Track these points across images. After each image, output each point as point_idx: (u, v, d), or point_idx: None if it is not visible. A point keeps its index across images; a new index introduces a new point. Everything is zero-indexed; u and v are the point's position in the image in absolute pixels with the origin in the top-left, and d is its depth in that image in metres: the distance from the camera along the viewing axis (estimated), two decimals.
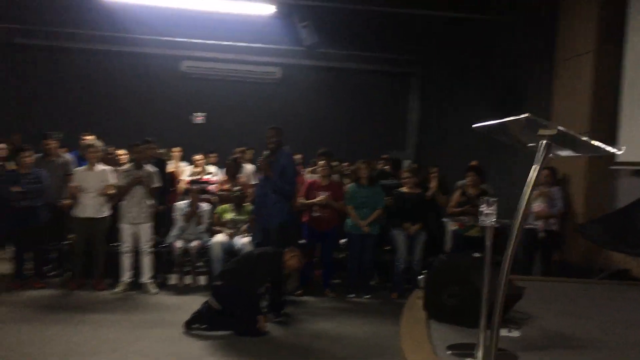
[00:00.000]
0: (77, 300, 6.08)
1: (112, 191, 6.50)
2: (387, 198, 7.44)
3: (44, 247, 6.74)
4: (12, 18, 10.99)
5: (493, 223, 3.17)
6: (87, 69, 12.13)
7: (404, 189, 7.12)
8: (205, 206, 7.11)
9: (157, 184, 6.70)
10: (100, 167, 6.61)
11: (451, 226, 7.33)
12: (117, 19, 10.57)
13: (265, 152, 6.34)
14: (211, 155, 9.09)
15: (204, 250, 6.87)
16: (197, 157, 8.23)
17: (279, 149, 6.16)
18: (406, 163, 8.87)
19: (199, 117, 12.87)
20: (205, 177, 7.99)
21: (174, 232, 6.96)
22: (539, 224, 6.82)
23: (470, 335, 3.18)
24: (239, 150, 8.88)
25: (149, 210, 6.61)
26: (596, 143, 2.32)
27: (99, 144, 7.05)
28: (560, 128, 2.30)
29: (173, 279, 7.03)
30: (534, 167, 2.45)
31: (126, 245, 6.52)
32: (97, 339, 4.78)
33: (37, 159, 6.98)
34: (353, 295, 6.84)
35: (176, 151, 8.96)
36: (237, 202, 7.10)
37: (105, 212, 6.60)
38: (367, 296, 6.82)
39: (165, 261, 6.94)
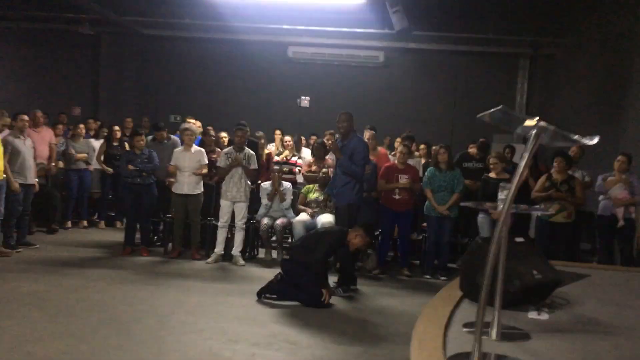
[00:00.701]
0: (174, 267, 6.82)
1: (205, 171, 7.17)
2: (471, 181, 7.50)
3: (151, 220, 7.59)
4: (139, 12, 12.08)
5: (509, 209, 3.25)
6: (203, 57, 13.13)
7: (491, 174, 7.14)
8: (288, 185, 7.58)
9: (254, 165, 7.24)
10: (196, 148, 7.30)
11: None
12: (229, 10, 11.24)
13: (337, 136, 6.64)
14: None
15: (288, 227, 7.35)
16: (287, 138, 8.67)
17: (349, 133, 6.41)
18: (505, 149, 8.73)
19: (304, 101, 13.41)
20: (293, 159, 8.44)
21: (261, 210, 7.50)
22: (619, 211, 6.55)
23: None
24: (329, 133, 9.26)
25: (247, 190, 7.18)
26: (574, 136, 2.39)
27: (195, 127, 7.72)
28: (541, 122, 2.40)
29: (261, 253, 7.61)
30: (522, 154, 2.55)
31: (223, 220, 7.16)
32: (179, 301, 5.40)
33: (148, 141, 7.87)
34: (428, 276, 7.02)
35: (277, 134, 9.52)
36: (322, 182, 7.48)
37: (200, 189, 7.29)
38: (444, 278, 6.95)
39: (253, 236, 7.52)
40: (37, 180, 7.39)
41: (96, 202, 9.28)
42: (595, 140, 2.34)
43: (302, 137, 9.50)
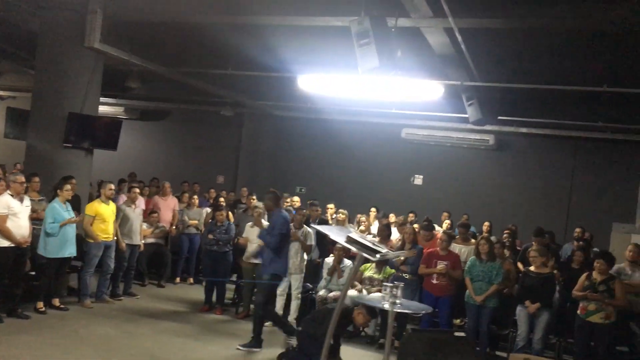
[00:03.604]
0: (233, 326, 7.83)
1: None
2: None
3: (226, 283, 8.76)
4: (272, 97, 13.77)
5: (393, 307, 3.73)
6: (325, 136, 14.47)
7: (531, 268, 7.24)
8: (348, 262, 8.27)
9: (310, 242, 8.12)
10: (264, 223, 8.36)
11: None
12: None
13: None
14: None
15: None
16: (362, 217, 9.40)
17: (272, 210, 7.16)
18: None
19: (418, 179, 14.02)
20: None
21: (321, 282, 8.28)
22: None
23: None
24: (410, 216, 9.83)
25: (302, 263, 8.06)
26: None
27: (261, 205, 8.80)
28: None
29: None
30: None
31: (281, 289, 8.06)
32: (215, 355, 6.38)
33: (239, 212, 9.17)
34: None
35: (372, 211, 10.35)
36: (380, 262, 8.06)
37: None
38: None
39: (310, 306, 8.30)
40: (143, 241, 8.99)
41: None
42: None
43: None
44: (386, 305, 4.08)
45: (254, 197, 9.71)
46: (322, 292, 8.09)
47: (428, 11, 6.69)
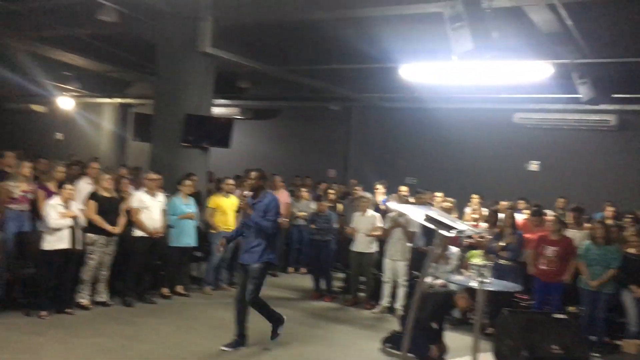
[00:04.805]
0: (345, 314, 8.07)
1: (378, 233, 8.32)
2: None
3: (332, 271, 9.02)
4: (380, 88, 13.85)
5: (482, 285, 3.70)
6: (433, 125, 14.29)
7: (630, 250, 6.85)
8: (454, 249, 8.20)
9: (413, 229, 8.16)
10: (370, 212, 8.50)
11: None
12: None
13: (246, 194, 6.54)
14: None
15: None
16: (475, 199, 9.30)
17: (259, 191, 6.26)
18: None
19: (534, 165, 13.49)
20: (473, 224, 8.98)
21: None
22: None
23: None
24: (521, 202, 9.52)
25: (405, 250, 8.12)
26: None
27: (368, 195, 8.91)
28: None
29: None
30: None
31: (386, 276, 8.19)
32: (325, 342, 6.68)
33: (346, 203, 9.42)
34: None
35: (474, 198, 10.16)
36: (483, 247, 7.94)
37: (373, 248, 8.44)
38: (596, 354, 6.76)
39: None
40: None
41: None
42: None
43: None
44: (473, 283, 4.06)
45: (360, 187, 9.88)
46: (428, 279, 8.08)
47: None
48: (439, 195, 9.99)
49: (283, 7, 8.99)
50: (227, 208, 8.62)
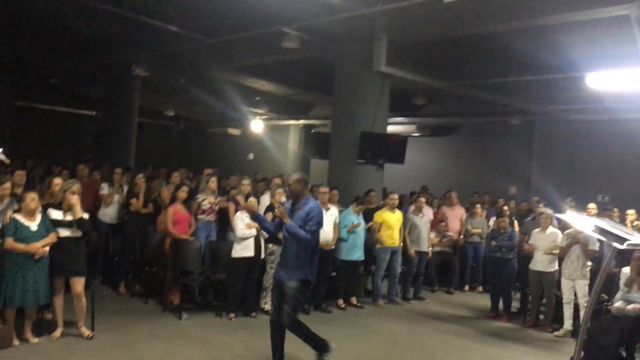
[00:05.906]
0: (524, 335, 7.70)
1: (556, 251, 7.83)
2: None
3: (510, 290, 8.63)
4: (566, 100, 13.04)
5: None
6: (626, 137, 13.12)
7: None
8: None
9: (593, 246, 7.56)
10: (551, 230, 8.03)
11: None
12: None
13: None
14: None
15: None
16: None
17: (300, 197, 5.53)
18: None
19: None
20: None
21: (618, 294, 7.57)
22: None
23: None
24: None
25: (584, 269, 7.56)
26: None
27: (549, 212, 8.36)
28: None
29: None
30: None
31: (566, 296, 7.67)
32: (488, 356, 6.45)
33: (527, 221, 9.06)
34: None
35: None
36: None
37: (553, 267, 7.95)
38: None
39: None
40: (431, 249, 9.48)
41: None
42: None
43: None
44: None
45: (541, 204, 9.41)
46: (618, 304, 7.40)
47: None
48: (630, 212, 9.15)
49: (456, 22, 8.95)
50: (392, 223, 8.73)
